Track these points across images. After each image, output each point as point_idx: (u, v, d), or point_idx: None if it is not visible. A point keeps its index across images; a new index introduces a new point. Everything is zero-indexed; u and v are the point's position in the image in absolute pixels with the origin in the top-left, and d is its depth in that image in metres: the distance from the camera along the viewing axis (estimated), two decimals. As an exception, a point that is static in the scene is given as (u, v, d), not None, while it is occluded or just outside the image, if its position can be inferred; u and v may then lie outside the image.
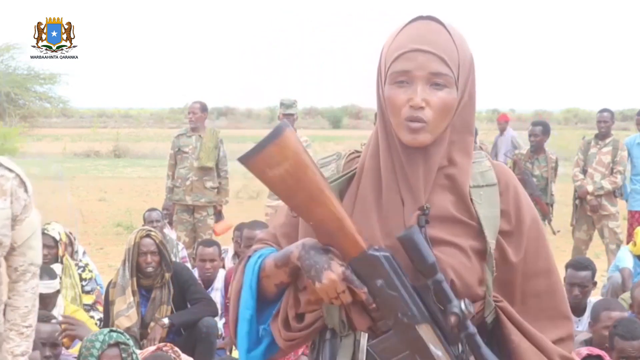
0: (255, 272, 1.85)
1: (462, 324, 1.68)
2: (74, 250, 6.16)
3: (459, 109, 1.80)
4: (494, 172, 1.86)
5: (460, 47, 1.78)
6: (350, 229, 1.71)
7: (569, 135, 26.81)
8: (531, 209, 1.87)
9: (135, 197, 16.19)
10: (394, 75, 1.76)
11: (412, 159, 1.78)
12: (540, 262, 1.85)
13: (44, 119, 35.76)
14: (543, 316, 1.85)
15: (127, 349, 4.02)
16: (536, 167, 8.33)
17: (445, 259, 1.75)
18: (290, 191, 1.72)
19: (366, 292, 1.71)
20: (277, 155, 1.68)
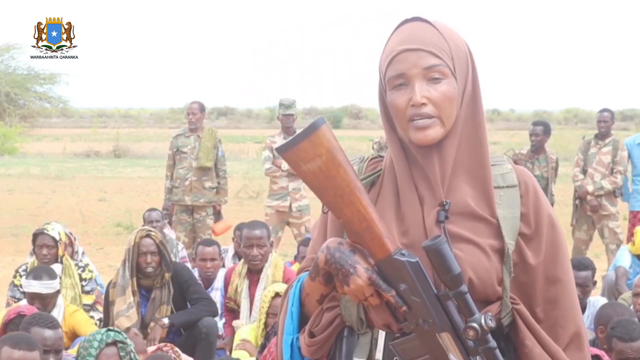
0: (296, 295, 1.87)
1: (482, 338, 1.68)
2: (74, 251, 6.16)
3: (465, 100, 1.80)
4: (515, 175, 1.86)
5: (450, 39, 1.80)
6: (377, 231, 1.71)
7: (569, 135, 26.81)
8: (551, 214, 1.87)
9: (135, 197, 16.18)
10: (391, 80, 1.78)
11: (427, 156, 1.79)
12: (558, 269, 1.84)
13: (44, 119, 35.80)
14: (557, 325, 1.84)
15: (125, 348, 4.02)
16: (536, 167, 8.32)
17: (464, 257, 1.75)
18: (321, 187, 1.73)
19: (394, 295, 1.71)
20: (310, 151, 1.70)
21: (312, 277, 1.82)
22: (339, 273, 1.73)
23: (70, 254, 5.90)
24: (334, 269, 1.74)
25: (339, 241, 1.76)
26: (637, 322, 4.04)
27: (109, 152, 27.94)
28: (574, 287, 1.88)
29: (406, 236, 1.78)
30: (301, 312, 1.88)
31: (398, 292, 1.71)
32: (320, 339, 1.84)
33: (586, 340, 1.88)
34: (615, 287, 6.23)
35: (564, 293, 1.84)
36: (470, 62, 1.83)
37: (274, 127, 8.07)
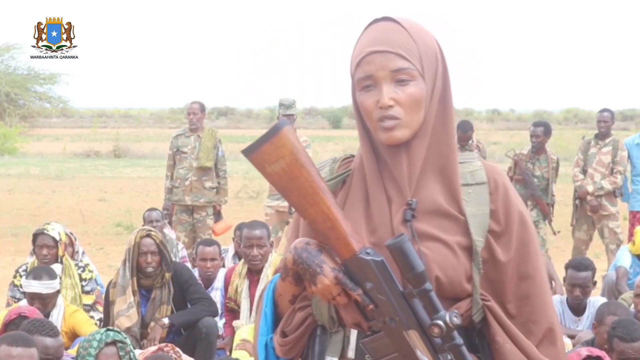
0: (269, 296, 1.88)
1: (448, 335, 1.68)
2: (75, 251, 6.16)
3: (434, 100, 1.81)
4: (485, 172, 1.87)
5: (419, 40, 1.80)
6: (341, 231, 1.72)
7: (569, 135, 26.82)
8: (521, 211, 1.86)
9: (135, 197, 16.18)
10: (359, 81, 1.80)
11: (395, 156, 1.80)
12: (529, 265, 1.84)
13: (44, 119, 35.82)
14: (530, 320, 1.84)
15: (124, 347, 4.02)
16: (537, 167, 8.31)
17: (431, 255, 1.76)
18: (285, 188, 1.75)
19: (361, 294, 1.72)
20: (273, 153, 1.71)
21: (283, 277, 1.84)
22: (306, 273, 1.75)
23: (71, 254, 5.90)
24: (301, 269, 1.76)
25: (306, 241, 1.78)
26: (638, 323, 4.03)
27: (109, 152, 27.94)
28: (546, 283, 1.88)
29: (374, 235, 1.79)
30: (275, 312, 1.89)
31: (365, 290, 1.72)
32: (292, 338, 1.85)
33: (560, 336, 1.88)
34: (616, 287, 6.23)
35: (535, 289, 1.84)
36: (440, 60, 1.83)
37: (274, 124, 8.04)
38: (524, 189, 8.27)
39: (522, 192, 8.28)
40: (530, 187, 8.23)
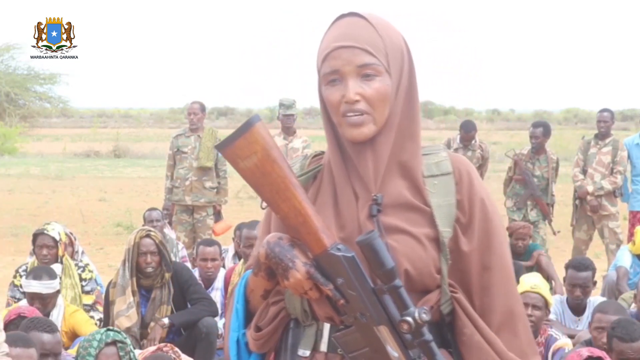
0: (241, 292, 1.90)
1: (417, 331, 1.69)
2: (75, 251, 6.16)
3: (399, 96, 1.82)
4: (450, 162, 1.87)
5: (385, 36, 1.81)
6: (313, 226, 1.74)
7: (569, 135, 26.80)
8: (484, 199, 1.86)
9: (135, 197, 16.18)
10: (325, 76, 1.81)
11: (360, 152, 1.81)
12: (492, 256, 1.84)
13: (44, 119, 35.81)
14: (487, 311, 1.84)
15: (124, 347, 4.02)
16: (537, 167, 8.31)
17: (399, 248, 1.78)
18: (258, 183, 1.77)
19: (332, 288, 1.73)
20: (246, 148, 1.73)
21: (255, 272, 1.85)
22: (278, 267, 1.76)
23: (71, 254, 5.90)
24: (274, 263, 1.77)
25: (278, 236, 1.79)
26: (638, 323, 4.03)
27: (109, 152, 27.94)
28: (509, 274, 1.87)
29: (343, 231, 1.81)
30: (247, 309, 1.90)
31: (336, 286, 1.73)
32: (266, 331, 1.86)
33: (524, 327, 1.87)
34: (617, 287, 6.23)
35: (495, 280, 1.84)
36: (406, 56, 1.84)
37: (274, 127, 8.07)
38: (524, 189, 8.27)
39: (522, 192, 8.28)
40: (530, 187, 8.23)
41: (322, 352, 1.83)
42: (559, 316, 5.33)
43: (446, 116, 50.26)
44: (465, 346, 1.81)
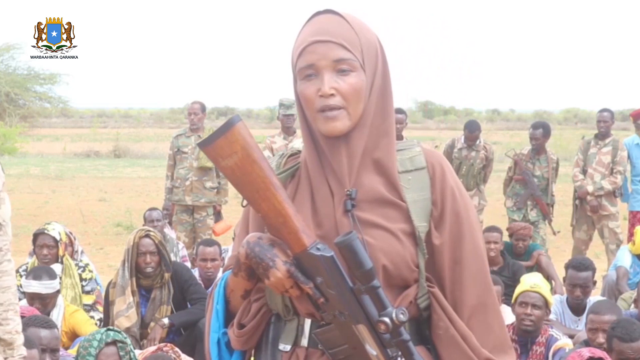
0: (221, 293, 1.91)
1: (395, 330, 1.71)
2: (74, 250, 6.16)
3: (373, 92, 1.84)
4: (423, 157, 1.89)
5: (360, 33, 1.83)
6: (293, 226, 1.75)
7: (569, 135, 26.81)
8: (454, 192, 1.88)
9: (135, 197, 16.18)
10: (301, 70, 1.82)
11: (334, 147, 1.83)
12: (463, 249, 1.85)
13: (44, 119, 35.76)
14: (458, 304, 1.85)
15: (124, 347, 4.02)
16: (537, 167, 8.31)
17: (376, 244, 1.79)
18: (239, 182, 1.79)
19: (312, 287, 1.75)
20: (227, 148, 1.75)
21: (235, 272, 1.87)
22: (259, 266, 1.78)
23: (70, 254, 5.90)
24: (254, 263, 1.79)
25: (258, 236, 1.81)
26: (638, 323, 4.03)
27: (109, 152, 27.94)
28: (482, 267, 1.89)
29: (320, 228, 1.83)
30: (227, 309, 1.92)
31: (316, 284, 1.75)
32: (249, 327, 1.88)
33: (496, 320, 1.88)
34: (617, 287, 6.22)
35: (467, 273, 1.86)
36: (380, 55, 1.86)
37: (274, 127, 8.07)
38: (524, 188, 8.27)
39: (522, 192, 8.28)
40: (530, 187, 8.23)
41: (302, 346, 1.85)
42: (559, 316, 5.33)
43: (446, 116, 50.27)
44: (441, 340, 1.84)
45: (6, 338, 3.04)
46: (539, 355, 4.57)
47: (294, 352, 1.85)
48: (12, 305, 3.06)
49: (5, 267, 3.03)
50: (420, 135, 30.03)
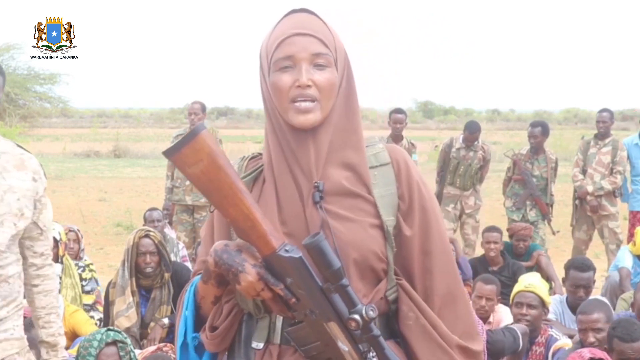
0: (191, 299, 1.94)
1: (365, 327, 1.75)
2: (80, 248, 6.24)
3: (341, 92, 1.88)
4: (387, 153, 1.93)
5: (334, 34, 1.88)
6: (261, 230, 1.77)
7: (569, 135, 26.81)
8: (420, 185, 1.92)
9: (135, 197, 16.18)
10: (278, 61, 1.84)
11: (301, 141, 1.85)
12: (431, 240, 1.90)
13: (44, 119, 35.77)
14: (429, 294, 1.89)
15: (124, 347, 4.02)
16: (536, 167, 8.31)
17: (344, 237, 1.82)
18: (206, 189, 1.80)
19: (283, 288, 1.78)
20: (192, 156, 1.77)
21: (205, 280, 1.89)
22: (229, 273, 1.80)
23: (77, 251, 5.97)
24: (224, 270, 1.81)
25: (225, 243, 1.83)
26: (638, 323, 4.03)
27: (109, 152, 27.94)
28: (449, 258, 1.93)
29: (287, 225, 1.85)
30: (198, 314, 1.95)
31: (286, 285, 1.78)
32: (222, 329, 1.90)
33: (465, 309, 1.92)
34: (620, 288, 6.21)
35: (436, 264, 1.90)
36: (347, 59, 1.91)
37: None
38: (523, 188, 8.27)
39: (521, 192, 8.28)
40: (529, 187, 8.23)
41: (275, 344, 1.87)
42: (558, 316, 5.33)
43: (446, 116, 50.27)
44: (411, 331, 1.86)
45: (50, 340, 3.08)
46: (539, 355, 4.57)
47: (267, 350, 1.88)
48: (54, 309, 3.09)
49: (46, 272, 3.06)
50: (420, 135, 30.01)
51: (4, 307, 2.87)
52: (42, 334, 3.07)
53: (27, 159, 2.97)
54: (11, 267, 2.89)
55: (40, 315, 3.07)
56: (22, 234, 2.95)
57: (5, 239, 2.84)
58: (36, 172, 2.98)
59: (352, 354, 1.78)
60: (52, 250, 3.15)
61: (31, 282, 3.03)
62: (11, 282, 2.89)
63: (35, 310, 3.08)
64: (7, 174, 2.89)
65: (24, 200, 2.90)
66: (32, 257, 3.01)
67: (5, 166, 2.89)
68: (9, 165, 2.90)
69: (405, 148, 8.81)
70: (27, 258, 3.00)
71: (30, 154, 3.02)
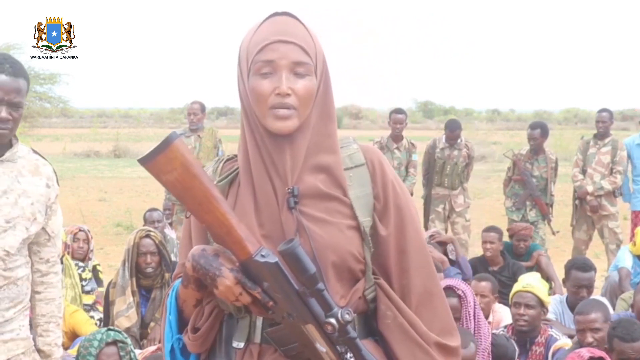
0: (173, 303, 1.96)
1: (342, 330, 1.77)
2: (90, 249, 6.26)
3: (318, 97, 1.89)
4: (361, 153, 1.94)
5: (315, 40, 1.89)
6: (236, 236, 1.79)
7: (569, 135, 26.79)
8: (395, 184, 1.94)
9: (135, 197, 16.18)
10: (258, 66, 1.85)
11: (278, 146, 1.86)
12: (407, 239, 1.91)
13: (44, 119, 35.70)
14: (406, 293, 1.91)
15: (125, 347, 4.02)
16: (536, 167, 8.31)
17: (322, 239, 1.84)
18: (181, 196, 1.82)
19: (260, 292, 1.80)
20: (166, 164, 1.79)
21: (185, 285, 1.91)
22: (206, 277, 1.82)
23: (86, 252, 6.07)
24: (202, 275, 1.83)
25: (202, 248, 1.85)
26: (638, 323, 4.03)
27: (109, 152, 27.94)
28: (425, 256, 1.95)
29: (264, 228, 1.86)
30: (181, 317, 1.97)
31: (263, 289, 1.80)
32: (204, 329, 1.91)
33: (442, 306, 1.94)
34: (620, 288, 6.21)
35: (412, 263, 1.91)
36: (325, 63, 1.92)
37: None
38: (523, 189, 8.27)
39: (521, 192, 8.28)
40: (529, 187, 8.23)
41: (256, 343, 1.89)
42: (558, 316, 5.33)
43: (446, 116, 50.17)
44: (389, 329, 1.88)
45: (45, 349, 3.08)
46: (539, 355, 4.57)
47: (248, 349, 1.89)
48: (54, 318, 3.08)
49: (51, 279, 3.05)
50: (420, 135, 29.99)
51: (11, 308, 2.88)
52: (39, 341, 3.07)
53: (41, 164, 2.99)
54: (20, 269, 2.90)
55: (39, 322, 3.07)
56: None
57: (17, 242, 2.85)
58: (50, 179, 2.99)
59: (330, 354, 1.81)
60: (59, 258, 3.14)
61: (34, 288, 3.03)
62: (19, 285, 2.90)
63: (36, 317, 3.07)
64: (22, 178, 2.90)
65: (37, 205, 2.91)
66: (38, 263, 3.01)
67: (21, 170, 2.91)
68: (24, 170, 2.92)
69: (405, 148, 8.82)
70: (33, 263, 3.00)
71: (45, 160, 3.03)
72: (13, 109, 2.81)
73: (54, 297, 3.06)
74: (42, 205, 2.93)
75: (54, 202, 2.99)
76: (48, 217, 2.97)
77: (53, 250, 3.03)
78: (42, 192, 2.93)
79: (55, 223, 3.02)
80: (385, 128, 10.48)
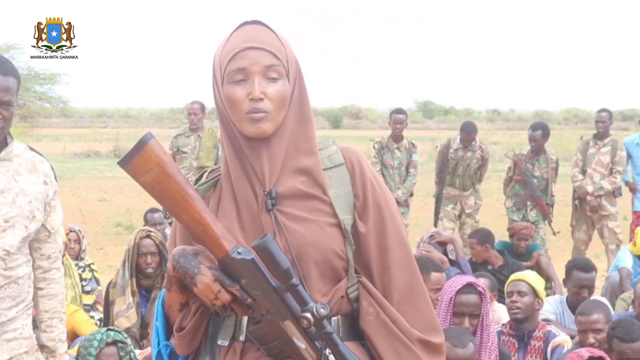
0: (159, 310, 1.99)
1: (318, 324, 1.80)
2: (82, 249, 6.25)
3: (293, 101, 1.92)
4: (340, 154, 1.98)
5: (286, 45, 1.92)
6: (212, 234, 1.83)
7: (569, 135, 26.79)
8: (373, 182, 1.96)
9: (135, 197, 16.17)
10: (231, 74, 1.89)
11: (256, 150, 1.90)
12: (387, 237, 1.94)
13: (44, 119, 35.71)
14: (387, 290, 1.92)
15: (124, 347, 4.02)
16: (536, 168, 8.31)
17: (303, 238, 1.86)
18: (158, 196, 1.87)
19: (239, 289, 1.83)
20: (143, 165, 1.83)
21: (168, 287, 1.95)
22: (186, 276, 1.86)
23: (78, 252, 5.97)
24: (181, 274, 1.87)
25: (182, 248, 1.90)
26: (638, 323, 4.03)
27: (109, 152, 27.93)
28: (406, 253, 1.97)
29: (245, 231, 1.90)
30: (168, 324, 2.00)
31: (241, 286, 1.83)
32: (189, 327, 1.94)
33: (425, 303, 1.95)
34: (620, 288, 6.21)
35: (393, 260, 1.94)
36: (299, 69, 1.95)
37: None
38: (524, 189, 8.27)
39: (522, 192, 8.28)
40: (529, 188, 8.23)
41: (240, 341, 1.91)
42: (559, 316, 5.32)
43: (446, 116, 50.25)
44: (371, 326, 1.89)
45: (50, 345, 3.08)
46: (537, 350, 4.56)
47: (232, 346, 1.92)
48: (58, 314, 3.09)
49: (53, 275, 3.06)
50: (420, 135, 30.01)
51: (13, 307, 2.88)
52: (43, 337, 3.07)
53: (38, 162, 2.99)
54: (21, 268, 2.90)
55: (43, 318, 3.07)
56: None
57: (16, 241, 2.85)
58: (47, 175, 2.99)
59: (309, 351, 1.83)
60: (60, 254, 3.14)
61: (37, 285, 3.03)
62: (21, 283, 2.90)
63: (39, 314, 3.08)
64: (19, 177, 2.90)
65: (35, 202, 2.91)
66: (39, 260, 3.01)
67: (17, 169, 2.91)
68: (21, 169, 2.93)
69: (405, 148, 8.82)
70: (34, 260, 3.00)
71: (42, 157, 3.03)
72: (3, 107, 2.82)
73: (57, 292, 3.07)
74: (41, 202, 2.93)
75: (53, 199, 2.99)
76: (47, 214, 2.97)
77: (54, 246, 3.04)
78: (40, 190, 2.93)
79: (54, 219, 3.02)
80: (386, 128, 10.49)
